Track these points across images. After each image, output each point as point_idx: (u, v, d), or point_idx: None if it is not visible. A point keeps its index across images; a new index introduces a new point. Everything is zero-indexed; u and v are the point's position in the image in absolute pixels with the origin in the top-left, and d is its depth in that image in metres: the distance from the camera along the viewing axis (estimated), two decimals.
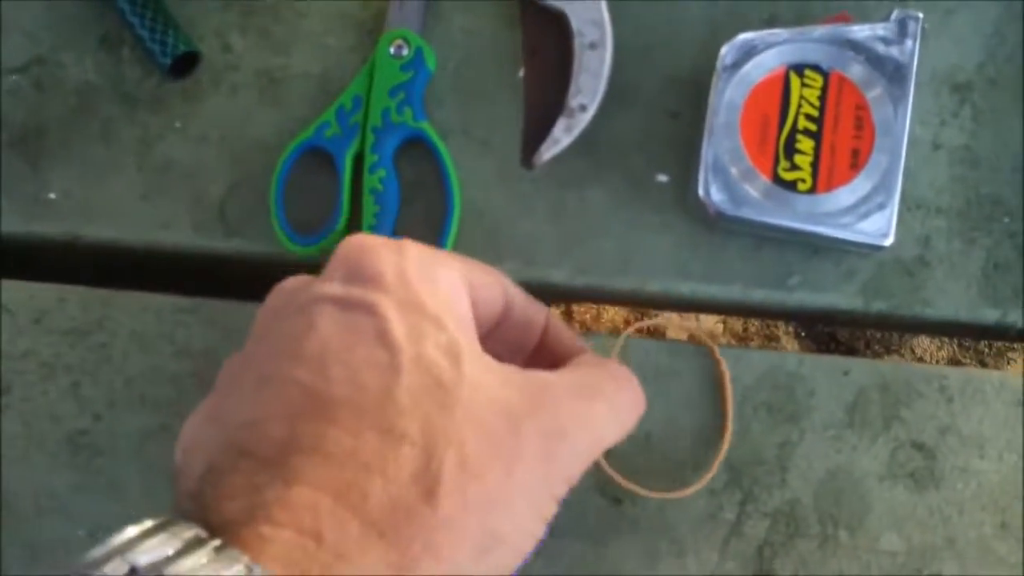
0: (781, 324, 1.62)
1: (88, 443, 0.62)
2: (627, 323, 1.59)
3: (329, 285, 0.37)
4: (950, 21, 0.65)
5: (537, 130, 0.62)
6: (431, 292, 0.37)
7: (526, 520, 0.35)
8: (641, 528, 0.60)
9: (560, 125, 0.62)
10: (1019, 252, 0.63)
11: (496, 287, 0.41)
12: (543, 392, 0.37)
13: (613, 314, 1.63)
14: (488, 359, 0.36)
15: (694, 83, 0.64)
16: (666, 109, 0.65)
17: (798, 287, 0.63)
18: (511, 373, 0.37)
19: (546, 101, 0.63)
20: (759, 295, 0.63)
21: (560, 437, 0.36)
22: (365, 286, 0.36)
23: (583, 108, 0.62)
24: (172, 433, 0.59)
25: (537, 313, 0.45)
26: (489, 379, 0.35)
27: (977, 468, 0.61)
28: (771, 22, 0.65)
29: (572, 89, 0.62)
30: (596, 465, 0.61)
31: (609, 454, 0.61)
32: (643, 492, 0.60)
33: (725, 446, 0.61)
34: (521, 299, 0.44)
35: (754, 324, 1.63)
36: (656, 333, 1.56)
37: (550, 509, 0.36)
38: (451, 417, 0.33)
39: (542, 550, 0.59)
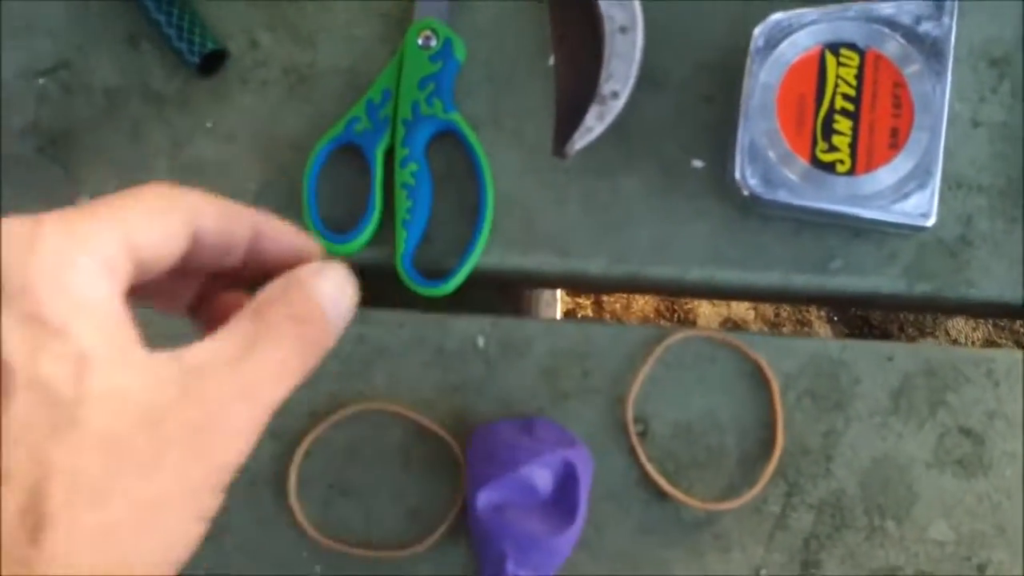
0: (813, 309, 1.60)
1: None
2: (657, 312, 1.58)
3: None
4: None
5: (569, 118, 0.60)
6: (57, 294, 0.32)
7: (175, 528, 0.32)
8: (685, 523, 0.59)
9: (592, 113, 0.60)
10: None
11: (171, 232, 0.36)
12: (194, 377, 0.33)
13: (643, 303, 1.61)
14: (134, 357, 0.32)
15: (726, 66, 0.62)
16: (699, 93, 0.63)
17: (840, 271, 0.61)
18: (161, 366, 0.33)
19: (577, 88, 0.61)
20: (800, 280, 0.61)
21: (211, 426, 0.32)
22: None
23: (615, 95, 0.60)
24: None
25: (238, 229, 0.39)
26: (128, 382, 0.31)
27: None
28: (804, 1, 0.63)
29: (603, 75, 0.61)
30: (640, 466, 0.59)
31: (649, 442, 0.60)
32: (690, 502, 0.59)
33: (777, 452, 0.60)
34: (214, 226, 0.38)
35: (786, 309, 1.61)
36: (687, 322, 1.54)
37: (210, 504, 0.33)
38: (65, 441, 0.30)
39: (585, 545, 0.59)
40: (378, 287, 0.64)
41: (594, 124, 0.61)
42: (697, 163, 0.63)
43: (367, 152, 0.63)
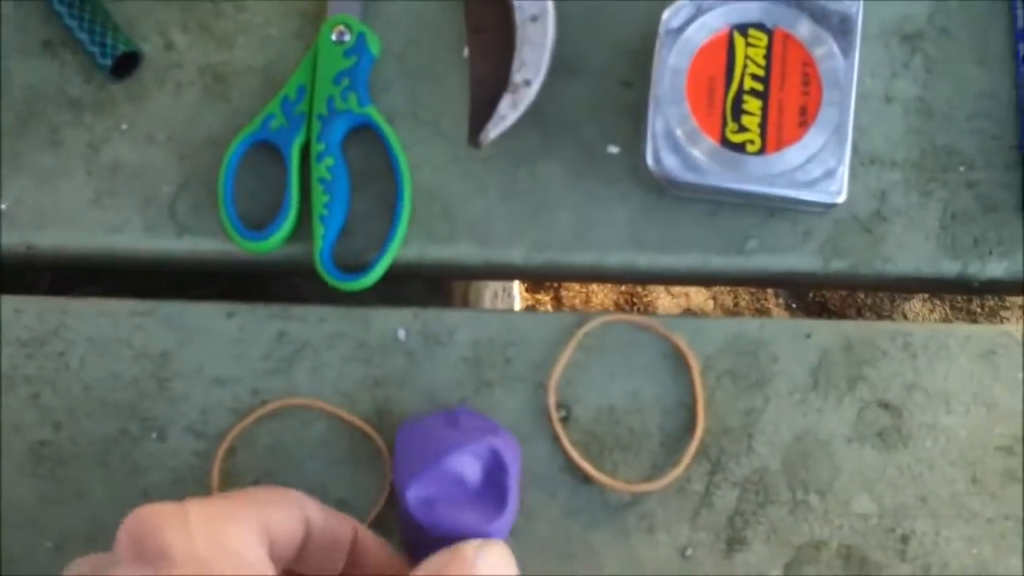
0: (771, 296, 1.60)
1: (51, 453, 0.60)
2: (616, 305, 1.58)
3: (118, 570, 0.36)
4: None
5: (483, 108, 0.60)
6: (220, 558, 0.35)
7: None
8: (611, 505, 0.59)
9: (505, 101, 0.60)
10: (977, 202, 0.61)
11: (293, 518, 0.41)
12: None
13: (602, 297, 1.61)
14: None
15: (644, 50, 0.62)
16: (617, 78, 0.63)
17: (756, 251, 0.61)
18: None
19: (492, 78, 0.61)
20: (718, 262, 0.61)
21: None
22: (154, 566, 0.35)
23: (527, 83, 0.60)
24: (133, 437, 0.58)
25: (341, 528, 0.46)
26: None
27: (945, 424, 0.60)
28: None
29: (515, 64, 0.60)
30: (564, 451, 0.59)
31: (572, 427, 0.60)
32: (615, 485, 0.59)
33: (699, 432, 0.59)
34: (321, 519, 0.44)
35: (743, 298, 1.61)
36: (646, 313, 1.55)
37: None
38: None
39: (514, 532, 0.58)
40: (299, 284, 0.64)
41: (507, 112, 0.61)
42: (614, 148, 0.63)
43: (283, 149, 0.62)
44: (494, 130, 0.59)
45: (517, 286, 1.47)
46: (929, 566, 0.57)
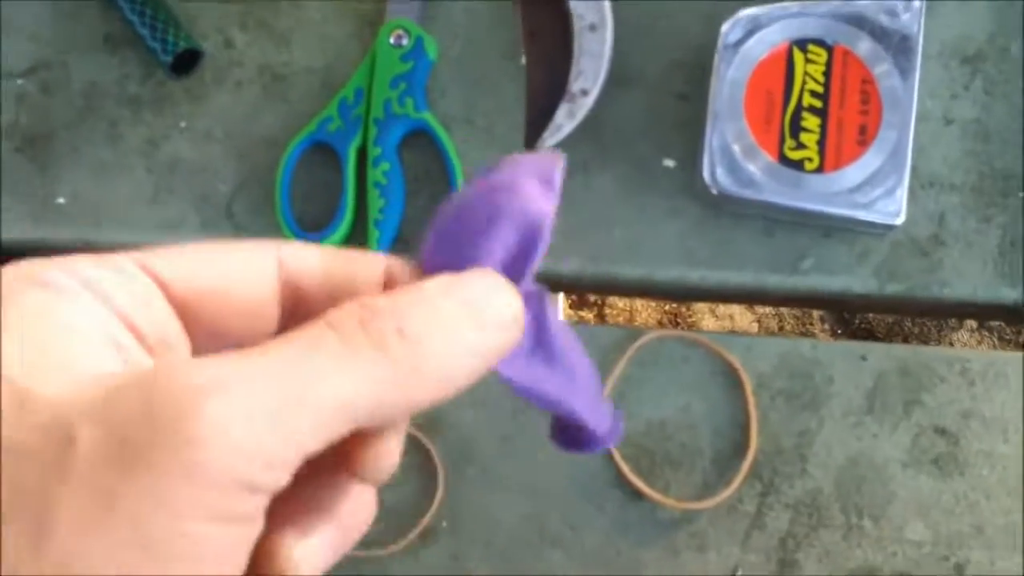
0: (817, 320, 1.58)
1: None
2: (660, 324, 1.57)
3: None
4: None
5: (539, 116, 0.60)
6: None
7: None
8: (661, 522, 0.58)
9: (562, 110, 0.60)
10: None
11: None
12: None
13: (647, 315, 1.60)
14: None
15: (700, 64, 0.61)
16: (672, 91, 0.63)
17: (811, 270, 0.60)
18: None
19: (548, 86, 0.60)
20: (772, 280, 0.60)
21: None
22: None
23: (584, 92, 0.60)
24: None
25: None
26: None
27: (1002, 452, 0.58)
28: None
29: (573, 73, 0.60)
30: (614, 462, 0.58)
31: (623, 441, 0.59)
32: (666, 502, 0.57)
33: (752, 451, 0.58)
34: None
35: (788, 322, 1.59)
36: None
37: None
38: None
39: (559, 543, 0.58)
40: None
41: (564, 122, 0.60)
42: (669, 162, 0.62)
43: (339, 151, 0.62)
44: (550, 139, 0.59)
45: (561, 301, 1.46)
46: None
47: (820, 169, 0.57)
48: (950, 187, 0.59)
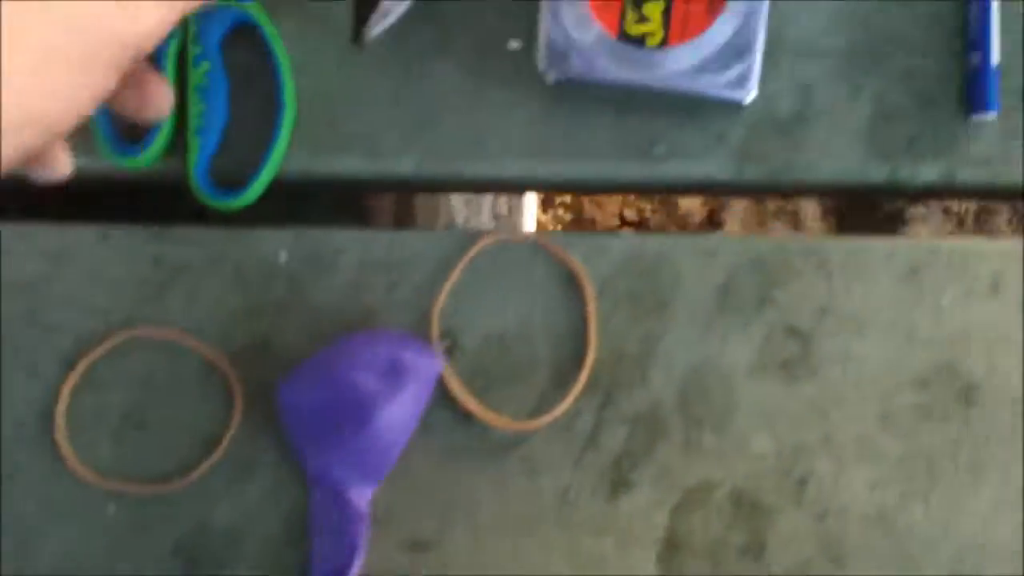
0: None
1: None
2: (640, 214, 1.48)
3: None
4: None
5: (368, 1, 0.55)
6: None
7: (64, 82, 0.32)
8: (492, 444, 0.55)
9: None
10: (913, 97, 0.53)
11: None
12: None
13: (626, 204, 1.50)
14: None
15: None
16: None
17: (665, 156, 0.55)
18: None
19: None
20: (625, 170, 0.55)
21: None
22: None
23: None
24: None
25: None
26: None
27: (857, 353, 0.54)
28: None
29: None
30: (443, 383, 0.55)
31: (458, 358, 0.56)
32: (498, 422, 0.55)
33: (589, 361, 0.55)
34: None
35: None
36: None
37: (100, 81, 0.32)
38: None
39: (389, 473, 0.56)
40: (177, 202, 0.61)
41: (391, 6, 0.55)
42: (515, 44, 0.56)
43: (157, 53, 0.57)
44: (377, 26, 0.54)
45: (535, 202, 1.39)
46: (826, 512, 0.53)
47: (664, 43, 0.51)
48: (818, 54, 0.53)
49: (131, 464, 0.57)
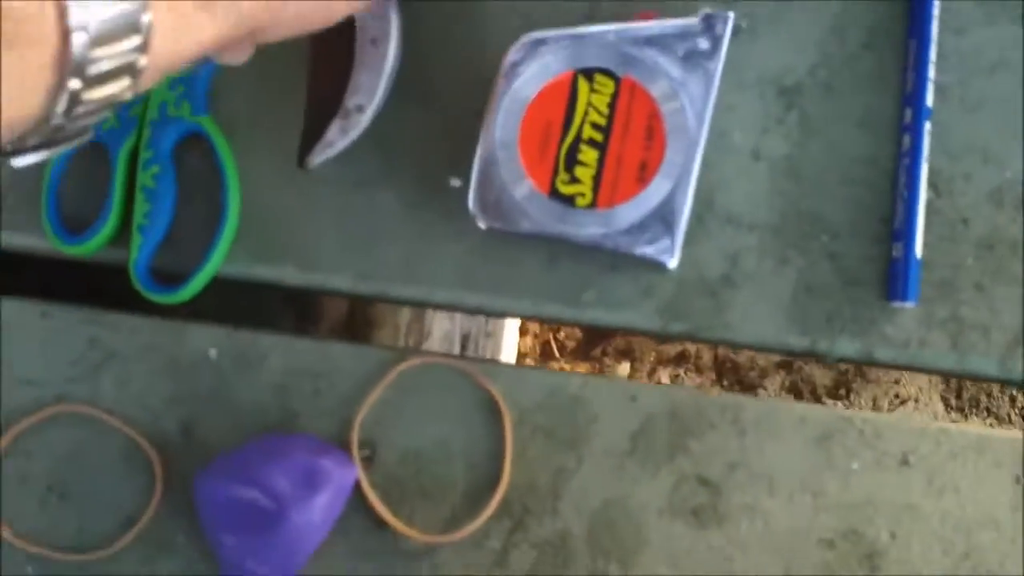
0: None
1: None
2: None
3: None
4: (783, 17, 0.59)
5: (316, 130, 0.57)
6: None
7: None
8: (404, 553, 0.61)
9: (335, 127, 0.58)
10: (836, 275, 0.58)
11: None
12: None
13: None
14: None
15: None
16: (468, 108, 0.61)
17: (593, 303, 0.59)
18: None
19: (329, 99, 0.58)
20: (551, 310, 0.60)
21: None
22: None
23: (360, 108, 0.57)
24: None
25: None
26: None
27: (765, 507, 0.59)
28: (591, 19, 0.58)
29: (350, 88, 0.56)
30: (361, 492, 0.61)
31: (375, 468, 0.61)
32: (409, 533, 0.61)
33: (503, 486, 0.61)
34: None
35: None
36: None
37: None
38: None
39: (301, 572, 0.58)
40: (120, 290, 0.62)
41: (336, 138, 0.58)
42: (455, 181, 0.60)
43: (111, 151, 0.63)
44: (319, 156, 0.57)
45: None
46: None
47: (593, 205, 0.54)
48: (749, 226, 0.58)
49: (52, 532, 0.63)
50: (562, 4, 0.61)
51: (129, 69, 0.39)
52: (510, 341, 1.52)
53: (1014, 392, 1.53)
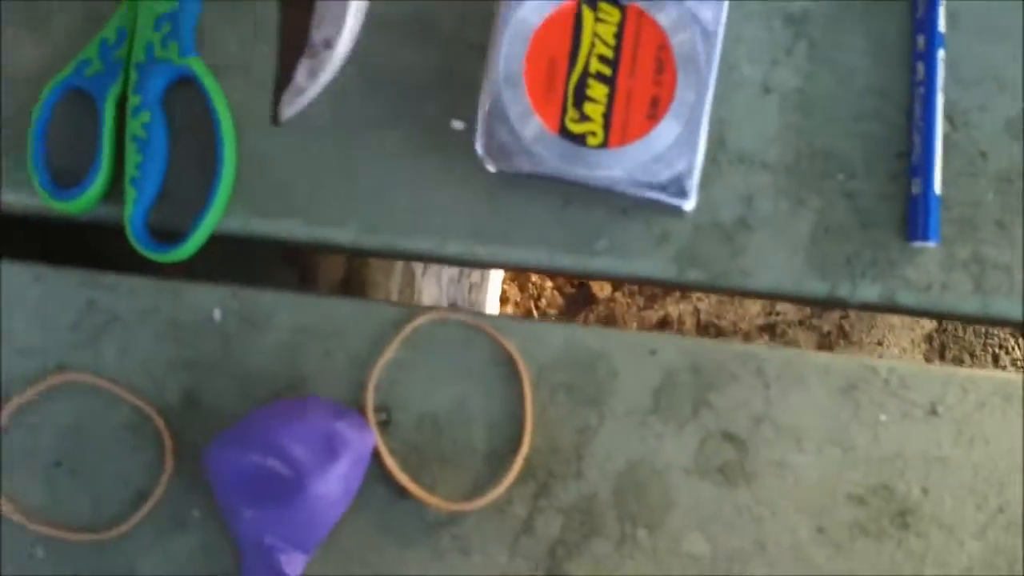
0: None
1: None
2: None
3: None
4: None
5: (286, 77, 0.54)
6: None
7: None
8: (426, 522, 0.58)
9: (302, 68, 0.54)
10: (854, 215, 0.55)
11: None
12: None
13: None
14: None
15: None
16: (468, 42, 0.57)
17: (606, 251, 0.56)
18: None
19: (297, 36, 0.54)
20: (564, 260, 0.58)
21: None
22: None
23: (328, 43, 0.54)
24: None
25: None
26: None
27: (794, 463, 0.56)
28: None
29: (314, 19, 0.53)
30: (379, 457, 0.58)
31: (392, 433, 0.59)
32: (432, 501, 0.58)
33: (525, 449, 0.58)
34: None
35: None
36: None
37: None
38: None
39: (322, 544, 0.56)
40: (115, 248, 0.60)
41: (305, 83, 0.55)
42: (458, 124, 0.57)
43: (97, 99, 0.60)
44: (291, 106, 0.54)
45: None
46: None
47: (604, 144, 0.52)
48: (762, 165, 0.55)
49: (61, 509, 0.60)
50: None
51: None
52: (492, 308, 1.49)
53: (997, 350, 1.49)
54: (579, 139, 0.54)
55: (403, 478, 0.58)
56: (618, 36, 0.53)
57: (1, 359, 0.60)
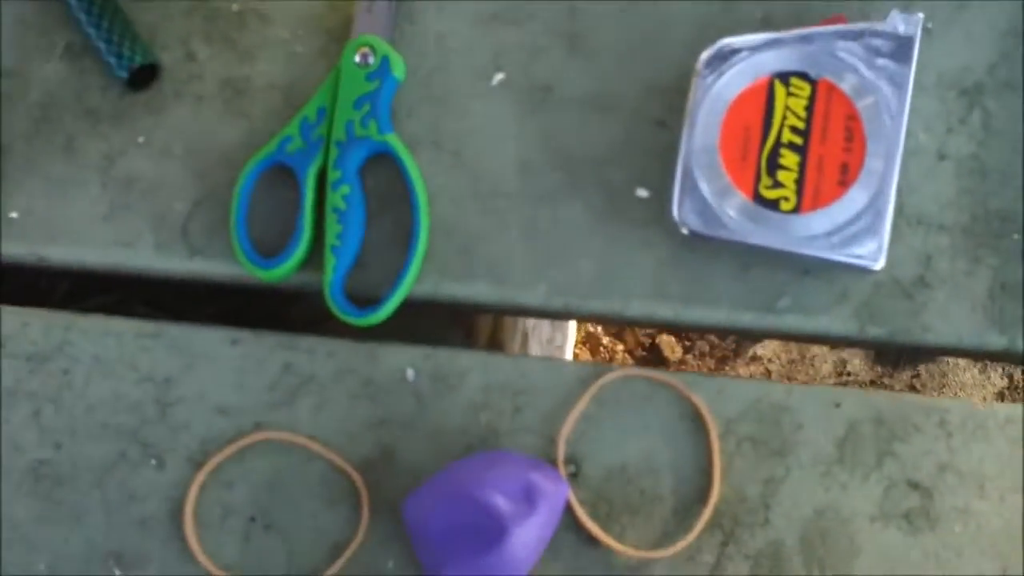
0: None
1: (49, 472, 0.61)
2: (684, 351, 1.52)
3: None
4: (959, 18, 0.62)
5: None
6: None
7: None
8: (617, 570, 0.60)
9: None
10: None
11: None
12: None
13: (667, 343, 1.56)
14: None
15: (681, 88, 0.61)
16: (651, 117, 0.62)
17: (788, 310, 0.60)
18: None
19: None
20: (746, 319, 0.60)
21: None
22: None
23: None
24: (132, 462, 0.58)
25: None
26: None
27: (977, 509, 0.58)
28: (766, 23, 0.61)
29: None
30: (569, 507, 0.60)
31: (581, 484, 0.61)
32: (623, 549, 0.60)
33: (713, 499, 0.60)
34: None
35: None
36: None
37: None
38: None
39: None
40: (311, 313, 0.63)
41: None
42: (642, 192, 0.61)
43: (299, 173, 0.63)
44: None
45: (573, 330, 1.44)
46: None
47: (797, 209, 0.56)
48: (939, 227, 0.58)
49: (256, 564, 0.62)
50: (737, 6, 0.63)
51: None
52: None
53: None
54: (772, 204, 0.58)
55: (593, 527, 0.60)
56: (808, 109, 0.58)
57: (199, 419, 0.62)
